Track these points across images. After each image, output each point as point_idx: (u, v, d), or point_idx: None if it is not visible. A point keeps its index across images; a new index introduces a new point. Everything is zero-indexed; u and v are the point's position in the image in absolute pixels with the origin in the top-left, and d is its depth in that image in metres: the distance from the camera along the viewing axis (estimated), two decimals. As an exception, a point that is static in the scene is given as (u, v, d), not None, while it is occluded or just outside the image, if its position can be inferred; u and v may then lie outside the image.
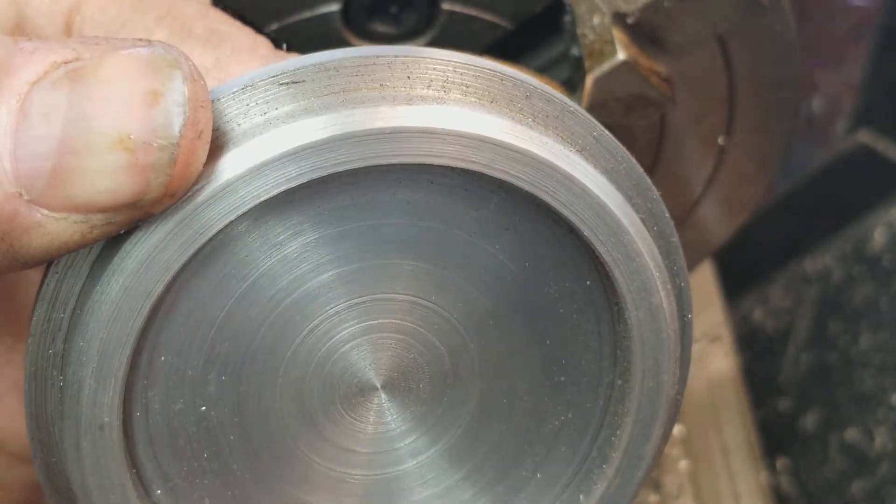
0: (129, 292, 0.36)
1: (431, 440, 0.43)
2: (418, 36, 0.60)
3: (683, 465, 0.97)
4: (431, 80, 0.38)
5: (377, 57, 0.38)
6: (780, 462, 1.05)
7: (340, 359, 0.41)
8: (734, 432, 0.99)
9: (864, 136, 1.11)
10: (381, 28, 0.60)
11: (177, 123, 0.35)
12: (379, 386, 0.42)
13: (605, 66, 0.56)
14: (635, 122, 0.59)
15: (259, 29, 0.58)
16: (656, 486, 0.95)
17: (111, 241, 0.37)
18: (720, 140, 0.68)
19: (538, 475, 0.44)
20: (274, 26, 0.58)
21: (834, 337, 1.07)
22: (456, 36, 0.60)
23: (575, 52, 0.58)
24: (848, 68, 1.21)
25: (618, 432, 0.42)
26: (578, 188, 0.38)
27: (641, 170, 0.41)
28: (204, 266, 0.38)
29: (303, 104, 0.37)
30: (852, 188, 1.12)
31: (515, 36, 0.60)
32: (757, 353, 1.11)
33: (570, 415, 0.43)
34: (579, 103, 0.58)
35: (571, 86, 0.59)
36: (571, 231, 0.39)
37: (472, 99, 0.38)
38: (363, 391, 0.42)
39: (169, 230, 0.36)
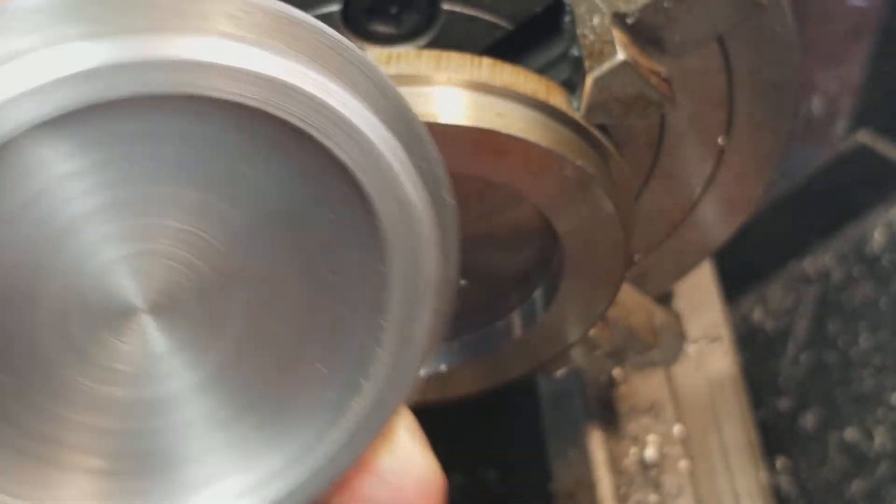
0: None
1: (203, 354, 0.44)
2: (418, 36, 0.60)
3: (683, 465, 0.97)
4: (186, 12, 0.38)
5: None
6: (780, 462, 1.05)
7: (100, 286, 0.41)
8: (734, 432, 0.99)
9: (864, 136, 1.11)
10: (381, 28, 0.60)
11: None
12: (143, 308, 0.42)
13: (605, 67, 0.56)
14: (635, 122, 0.59)
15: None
16: (656, 485, 0.95)
17: None
18: (720, 140, 0.68)
19: (322, 368, 0.46)
20: (274, 26, 0.58)
21: (833, 337, 1.07)
22: (456, 36, 0.60)
23: (575, 52, 0.58)
24: (848, 68, 1.21)
25: (387, 317, 0.45)
26: (305, 96, 0.39)
27: (382, 72, 0.43)
28: None
29: (46, 35, 0.36)
30: (852, 188, 1.12)
31: (515, 36, 0.61)
32: (757, 353, 1.11)
33: (342, 307, 0.45)
34: (580, 103, 0.58)
35: (571, 86, 0.59)
36: (313, 142, 0.40)
37: (229, 29, 0.38)
38: (127, 314, 0.42)
39: None
